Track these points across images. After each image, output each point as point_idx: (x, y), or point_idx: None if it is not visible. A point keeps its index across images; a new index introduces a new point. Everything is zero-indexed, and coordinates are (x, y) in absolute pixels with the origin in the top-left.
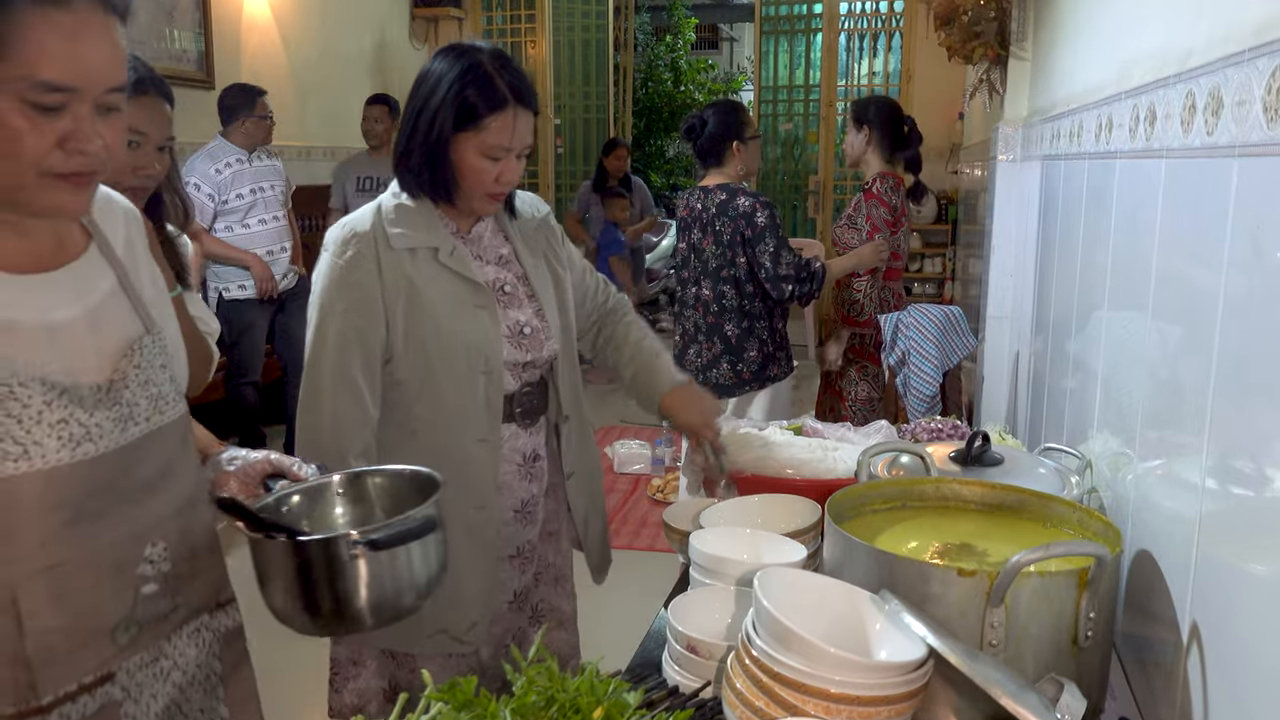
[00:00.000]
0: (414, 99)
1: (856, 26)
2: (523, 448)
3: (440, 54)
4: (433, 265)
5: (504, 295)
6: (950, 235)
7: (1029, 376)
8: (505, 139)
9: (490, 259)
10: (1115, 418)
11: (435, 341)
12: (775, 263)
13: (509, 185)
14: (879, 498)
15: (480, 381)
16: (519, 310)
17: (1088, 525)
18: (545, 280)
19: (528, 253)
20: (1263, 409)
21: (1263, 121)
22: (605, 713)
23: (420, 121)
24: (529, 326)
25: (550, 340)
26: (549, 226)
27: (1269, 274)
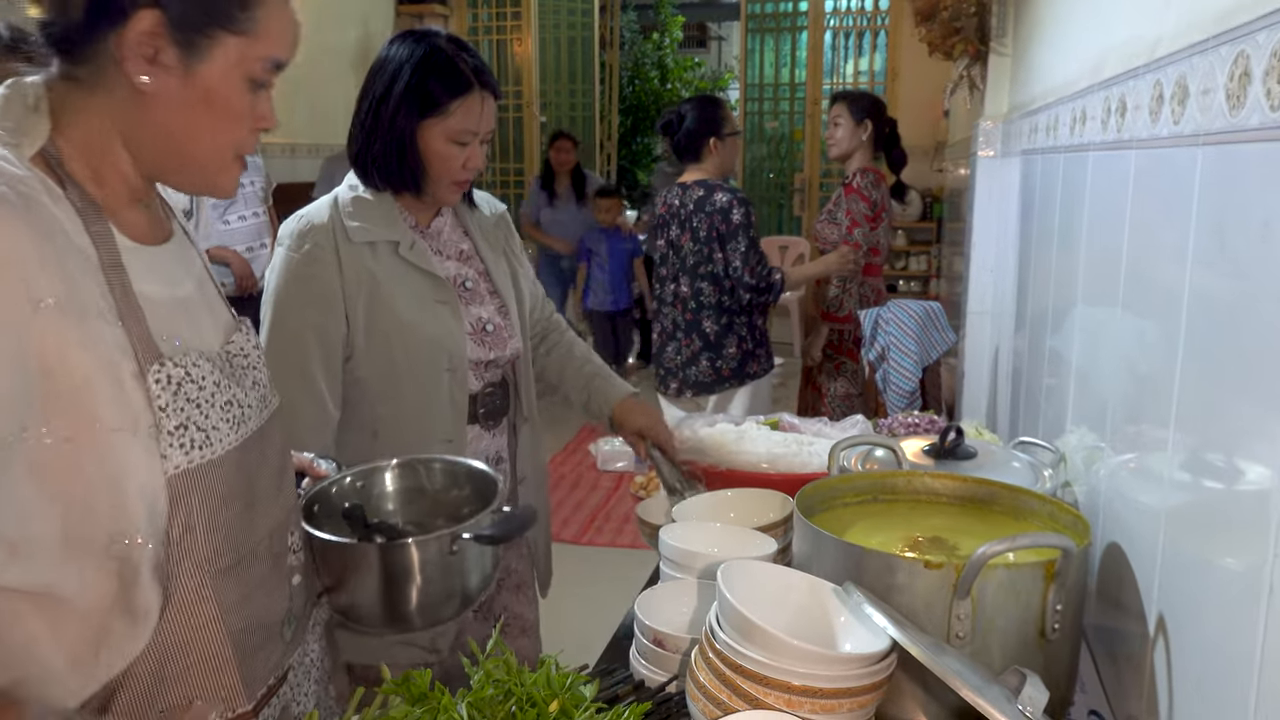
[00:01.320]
0: (372, 88)
1: (842, 25)
2: (486, 450)
3: (396, 40)
4: (393, 259)
5: (465, 291)
6: (935, 233)
7: (1009, 372)
8: (472, 123)
9: (450, 254)
10: (1089, 412)
11: (398, 338)
12: (743, 264)
13: (475, 171)
14: (850, 491)
15: (444, 379)
16: (481, 307)
17: (1058, 518)
18: (506, 277)
19: (488, 248)
20: (1227, 402)
21: (1225, 109)
22: (561, 706)
23: (382, 111)
24: (491, 324)
25: (513, 339)
26: (506, 224)
27: (1232, 265)
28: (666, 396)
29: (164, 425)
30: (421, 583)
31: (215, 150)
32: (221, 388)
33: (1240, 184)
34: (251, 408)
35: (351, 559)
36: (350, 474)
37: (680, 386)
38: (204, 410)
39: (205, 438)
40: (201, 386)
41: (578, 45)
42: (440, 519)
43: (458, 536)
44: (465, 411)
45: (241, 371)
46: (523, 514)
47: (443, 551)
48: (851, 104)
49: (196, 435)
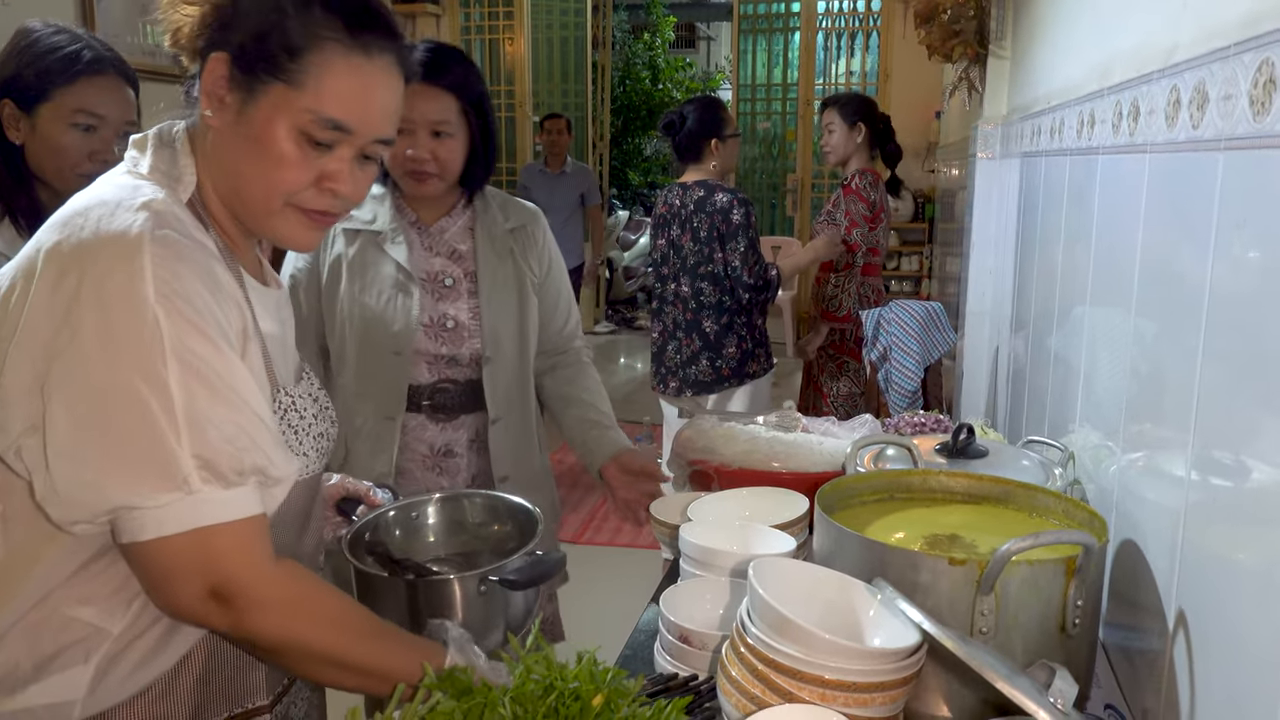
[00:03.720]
0: None
1: (834, 26)
2: (431, 440)
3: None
4: (372, 247)
5: (441, 288)
6: (927, 233)
7: (1008, 371)
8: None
9: (442, 251)
10: (1097, 411)
11: (355, 317)
12: (743, 263)
13: (425, 165)
14: (867, 489)
15: (390, 361)
16: (451, 305)
17: (1073, 515)
18: (500, 284)
19: (490, 253)
20: (1249, 402)
21: (1249, 115)
22: (606, 700)
23: None
24: (454, 321)
25: (472, 339)
26: (527, 235)
27: (1255, 266)
28: (665, 396)
29: None
30: (459, 617)
31: (265, 194)
32: (317, 420)
33: (1266, 189)
34: (330, 440)
35: (383, 591)
36: (397, 506)
37: (680, 386)
38: (300, 437)
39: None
40: (302, 415)
41: (570, 45)
42: (484, 553)
43: (485, 578)
44: (404, 396)
45: (323, 408)
46: (550, 561)
47: (468, 592)
48: (842, 108)
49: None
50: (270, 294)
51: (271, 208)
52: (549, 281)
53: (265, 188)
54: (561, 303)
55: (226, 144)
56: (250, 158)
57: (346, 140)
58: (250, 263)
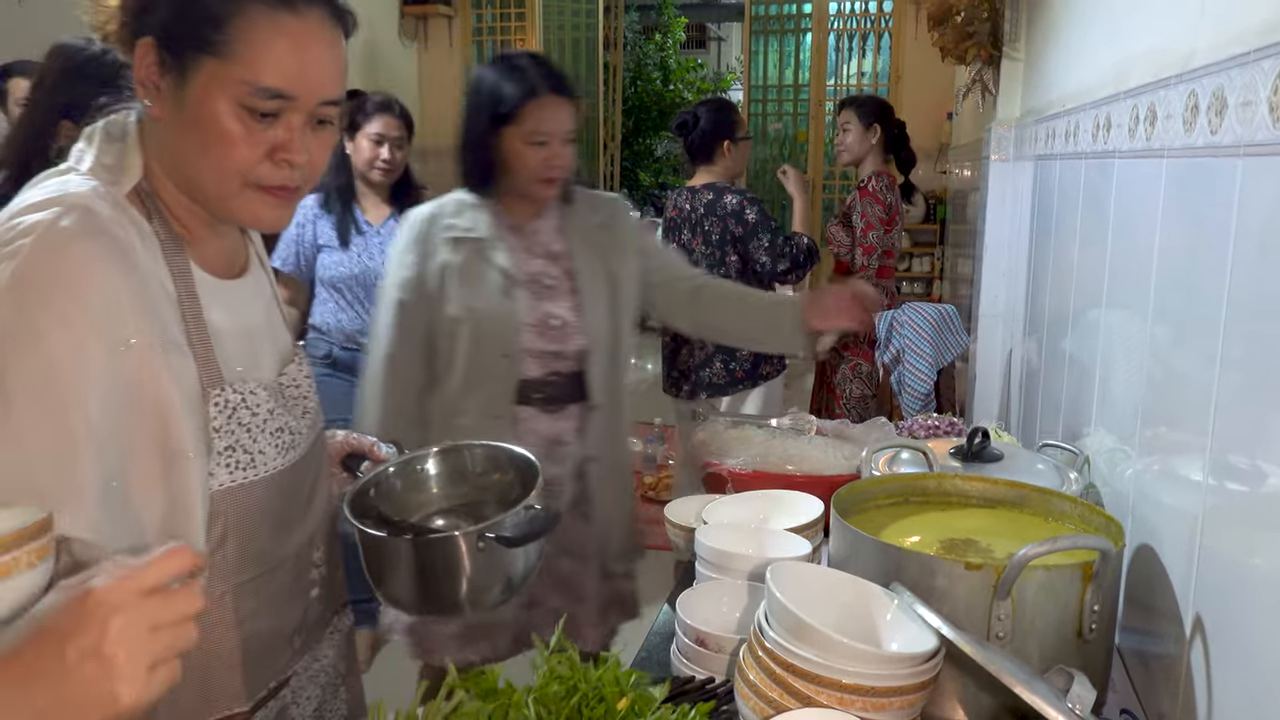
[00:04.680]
0: (464, 109)
1: (846, 26)
2: (544, 430)
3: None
4: (475, 254)
5: (542, 288)
6: (938, 235)
7: (1021, 374)
8: (542, 124)
9: (539, 253)
10: (1113, 415)
11: (466, 320)
12: (773, 257)
13: (559, 171)
14: (882, 493)
15: (500, 364)
16: (554, 303)
17: (1089, 520)
18: (597, 278)
19: (583, 250)
20: (1267, 407)
21: (1269, 121)
22: (631, 704)
23: (467, 124)
24: (559, 319)
25: (577, 335)
26: (615, 227)
27: (1274, 272)
28: (679, 399)
29: (214, 446)
30: (464, 572)
31: (218, 176)
32: (274, 415)
33: None
34: (301, 434)
35: (386, 552)
36: (399, 461)
37: (693, 389)
38: (253, 435)
39: (250, 460)
40: (255, 412)
41: (581, 46)
42: (489, 503)
43: (483, 534)
44: (513, 393)
45: (293, 400)
46: (545, 517)
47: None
48: (859, 109)
49: (243, 457)
50: (233, 285)
51: (229, 190)
52: (654, 256)
53: (218, 171)
54: (676, 262)
55: (172, 132)
56: (196, 142)
57: (291, 107)
58: (212, 254)
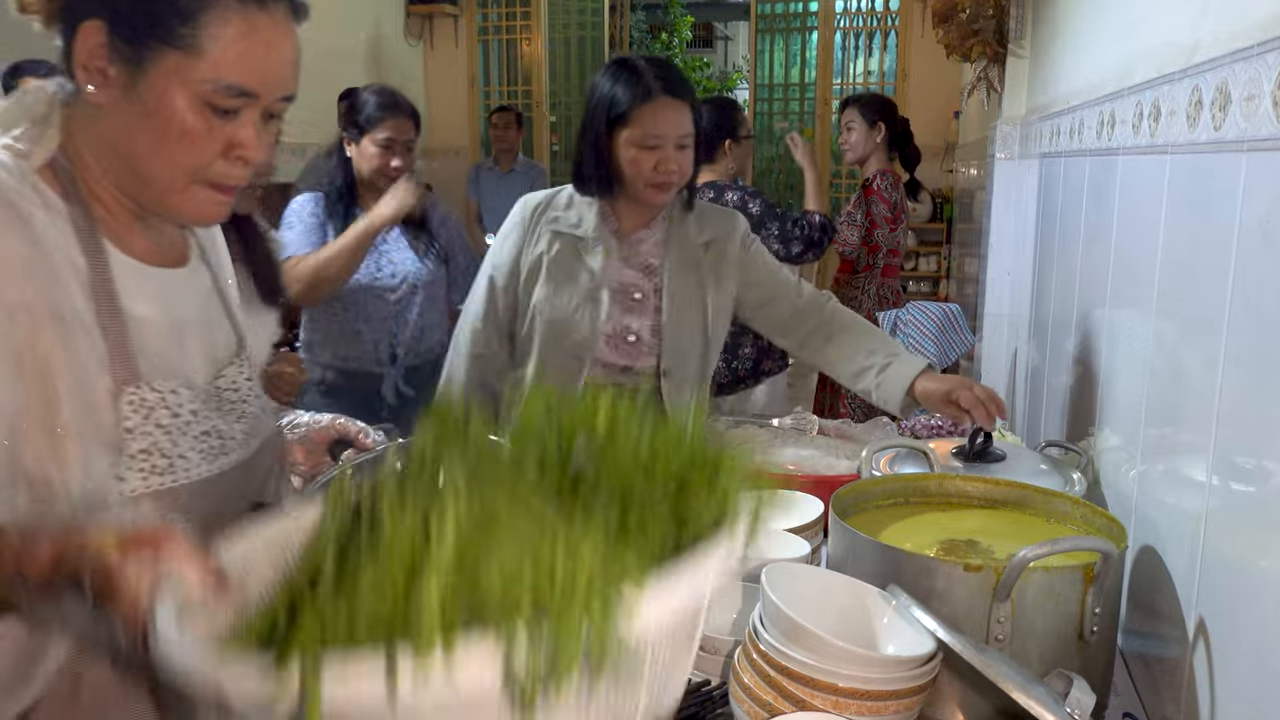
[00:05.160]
0: (586, 108)
1: (852, 25)
2: None
3: (604, 69)
4: (571, 252)
5: (630, 300)
6: (945, 234)
7: (1026, 374)
8: (654, 128)
9: (635, 264)
10: (1117, 415)
11: (545, 315)
12: (785, 242)
13: (672, 175)
14: (882, 494)
15: (571, 365)
16: (636, 318)
17: (1091, 521)
18: (686, 301)
19: (680, 268)
20: (1271, 406)
21: (1273, 116)
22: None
23: (584, 126)
24: (636, 336)
25: (649, 355)
26: (720, 248)
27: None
28: None
29: (128, 447)
30: None
31: (168, 171)
32: (199, 417)
33: None
34: (235, 439)
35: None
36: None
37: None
38: (174, 438)
39: (169, 464)
40: (176, 414)
41: (587, 45)
42: None
43: None
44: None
45: (229, 405)
46: None
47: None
48: (863, 107)
49: (160, 461)
50: (164, 275)
51: (177, 186)
52: (755, 269)
53: (169, 166)
54: (779, 284)
55: (116, 121)
56: (149, 135)
57: (252, 104)
58: (139, 240)
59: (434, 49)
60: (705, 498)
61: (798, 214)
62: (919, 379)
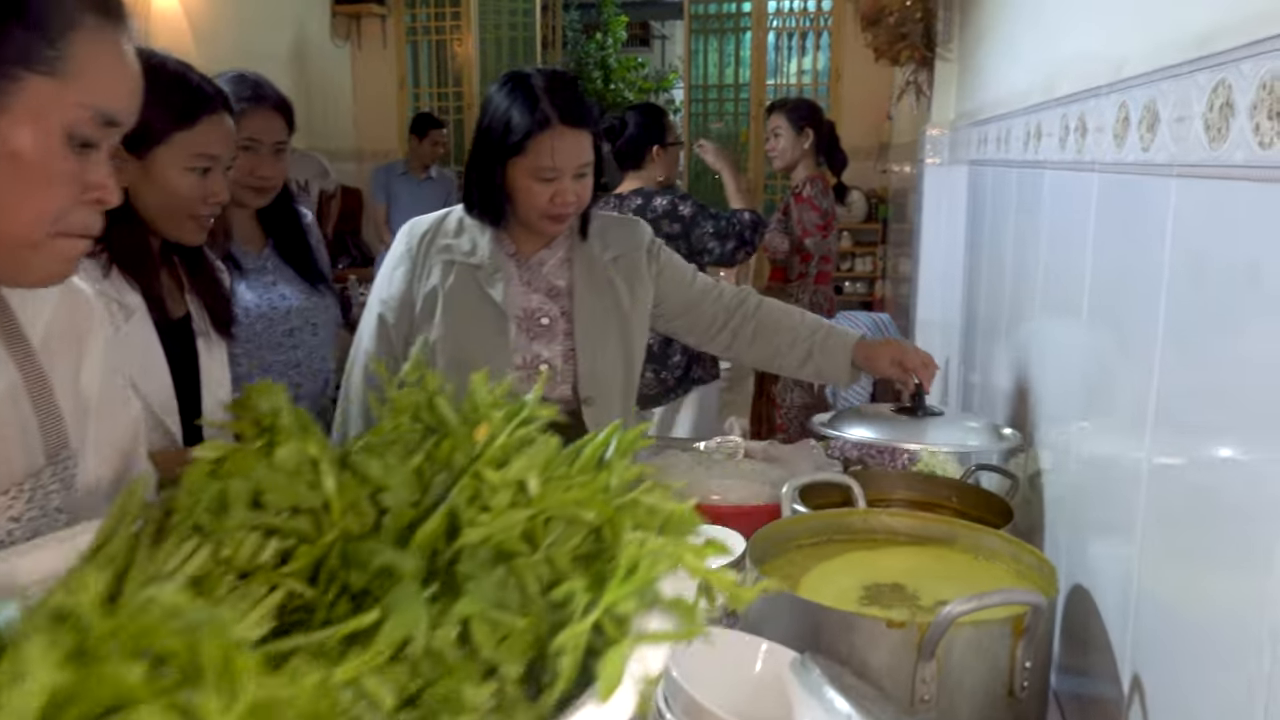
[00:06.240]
0: (477, 127)
1: (785, 25)
2: None
3: (498, 81)
4: (469, 282)
5: (537, 327)
6: (880, 234)
7: (960, 383)
8: (551, 159)
9: (540, 288)
10: (1050, 433)
11: (445, 352)
12: (720, 240)
13: (569, 205)
14: (804, 532)
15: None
16: (546, 345)
17: (1020, 559)
18: (600, 322)
19: (588, 287)
20: (1206, 437)
21: (1204, 140)
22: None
23: (475, 149)
24: (548, 365)
25: (563, 384)
26: (629, 262)
27: (1213, 303)
28: None
29: None
30: None
31: (31, 223)
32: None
33: (1223, 221)
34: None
35: None
36: None
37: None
38: None
39: None
40: None
41: (519, 45)
42: None
43: None
44: None
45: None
46: None
47: None
48: (790, 113)
49: None
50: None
51: (38, 238)
52: (668, 278)
53: (32, 214)
54: (697, 287)
55: None
56: (8, 178)
57: (109, 136)
58: None
59: (361, 50)
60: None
61: (729, 212)
62: (857, 349)
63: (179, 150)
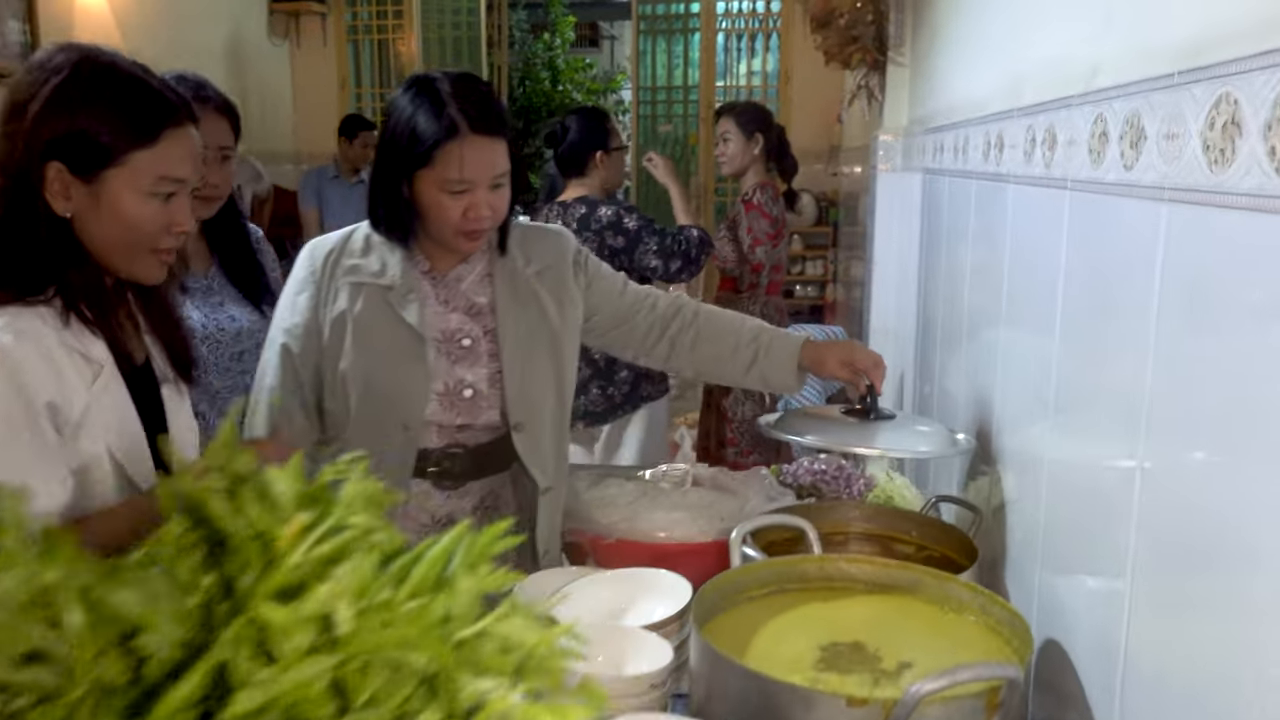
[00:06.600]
0: (381, 135)
1: (734, 27)
2: (434, 509)
3: (404, 85)
4: (380, 305)
5: (458, 349)
6: (831, 237)
7: (915, 399)
8: (462, 171)
9: (460, 306)
10: (1014, 460)
11: (358, 383)
12: (664, 258)
13: (484, 220)
14: (754, 583)
15: (397, 436)
16: (469, 369)
17: (990, 612)
18: (527, 340)
19: (512, 304)
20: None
21: (1203, 162)
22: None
23: (379, 159)
24: (472, 390)
25: (490, 410)
26: (554, 274)
27: (1215, 343)
28: None
29: None
30: None
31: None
32: None
33: (1226, 253)
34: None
35: None
36: None
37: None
38: None
39: None
40: None
41: (464, 44)
42: None
43: None
44: (410, 469)
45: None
46: None
47: None
48: (740, 117)
49: None
50: None
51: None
52: (597, 290)
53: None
54: (629, 297)
55: None
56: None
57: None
58: None
59: (300, 48)
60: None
61: (675, 229)
62: (804, 351)
63: (138, 172)
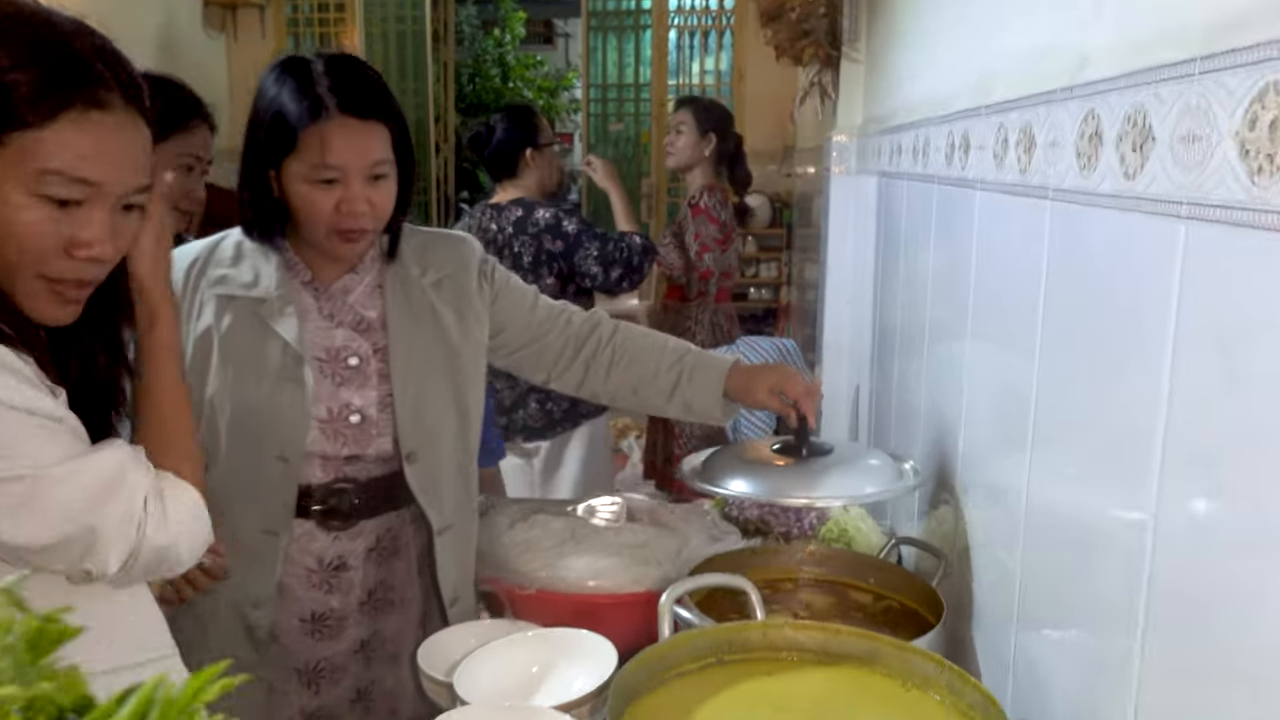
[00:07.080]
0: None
1: (687, 24)
2: (320, 552)
3: (270, 65)
4: (252, 320)
5: (344, 369)
6: (785, 239)
7: (870, 415)
8: (328, 156)
9: (346, 321)
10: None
11: (227, 408)
12: (604, 265)
13: (360, 218)
14: (688, 656)
15: (274, 468)
16: (357, 391)
17: (960, 693)
18: (422, 360)
19: (405, 319)
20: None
21: (1239, 171)
22: None
23: (245, 149)
24: (359, 415)
25: (381, 438)
26: (455, 284)
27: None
28: None
29: None
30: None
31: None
32: None
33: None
34: None
35: None
36: None
37: (507, 431)
38: None
39: None
40: None
41: (409, 39)
42: None
43: None
44: (292, 505)
45: None
46: None
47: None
48: (699, 112)
49: None
50: None
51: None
52: (505, 304)
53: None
54: (541, 313)
55: None
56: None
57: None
58: None
59: (237, 42)
60: None
61: (617, 234)
62: (730, 378)
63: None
